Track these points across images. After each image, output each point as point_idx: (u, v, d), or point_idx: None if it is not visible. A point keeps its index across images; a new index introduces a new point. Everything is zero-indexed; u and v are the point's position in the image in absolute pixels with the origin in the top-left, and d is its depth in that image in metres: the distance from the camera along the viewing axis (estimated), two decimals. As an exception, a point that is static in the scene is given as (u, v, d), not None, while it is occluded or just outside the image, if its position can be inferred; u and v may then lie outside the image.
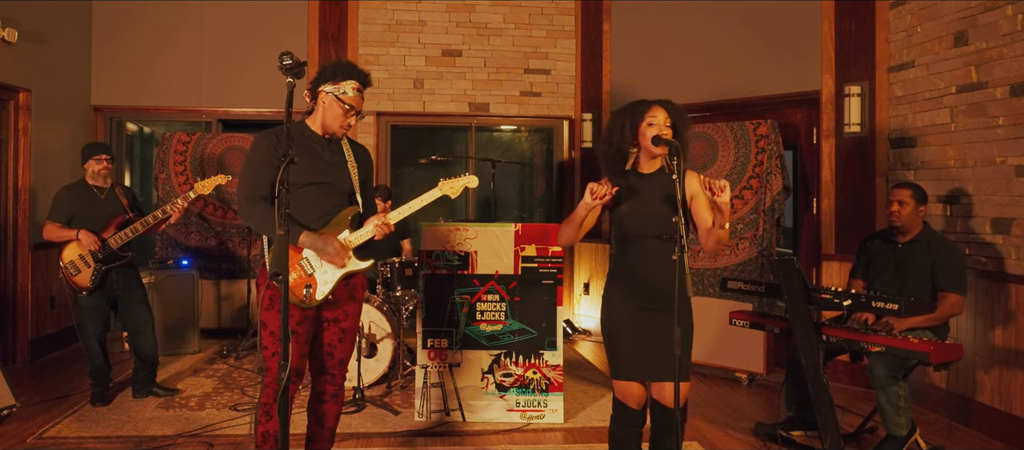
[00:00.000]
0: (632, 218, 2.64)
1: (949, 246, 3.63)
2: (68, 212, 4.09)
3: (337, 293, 2.73)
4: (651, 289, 2.61)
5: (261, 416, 2.66)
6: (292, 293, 2.62)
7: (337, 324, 2.78)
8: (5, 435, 3.68)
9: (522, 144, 7.51)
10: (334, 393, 2.85)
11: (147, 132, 7.18)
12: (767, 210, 4.91)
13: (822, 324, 3.36)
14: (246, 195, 2.66)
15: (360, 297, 2.86)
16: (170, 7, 6.20)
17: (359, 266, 2.77)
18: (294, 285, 2.65)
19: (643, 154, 2.67)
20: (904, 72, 4.51)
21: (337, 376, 2.83)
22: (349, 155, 2.83)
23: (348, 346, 2.83)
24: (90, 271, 4.04)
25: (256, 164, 2.67)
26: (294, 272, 2.66)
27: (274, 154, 2.63)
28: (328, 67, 2.74)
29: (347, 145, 2.85)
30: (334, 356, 2.80)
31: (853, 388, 4.71)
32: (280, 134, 2.60)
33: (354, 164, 2.82)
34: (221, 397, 4.34)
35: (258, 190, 2.65)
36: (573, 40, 6.65)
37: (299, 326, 2.66)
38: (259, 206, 2.64)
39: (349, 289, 2.79)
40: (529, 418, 3.95)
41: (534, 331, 3.96)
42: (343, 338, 2.80)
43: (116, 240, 4.07)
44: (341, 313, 2.78)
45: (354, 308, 2.84)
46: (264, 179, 2.62)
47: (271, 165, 2.59)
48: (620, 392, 2.67)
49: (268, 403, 2.64)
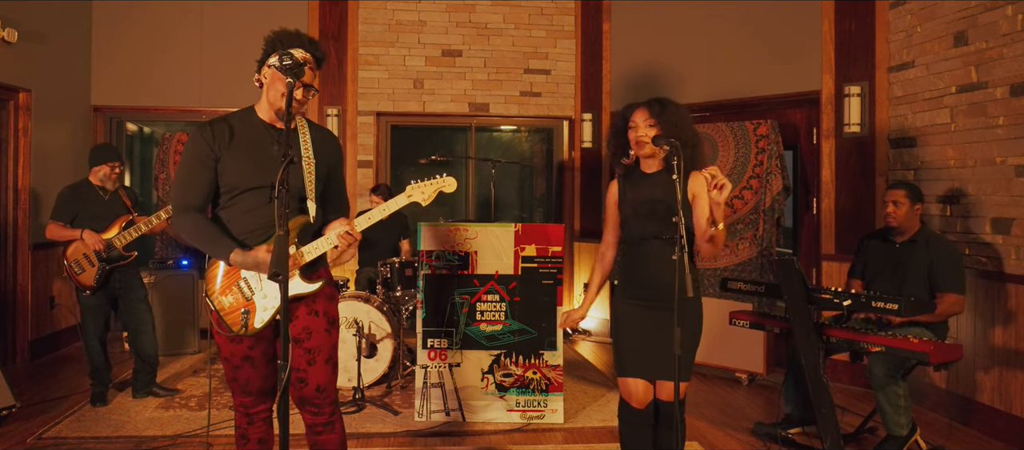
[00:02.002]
0: (634, 219, 2.69)
1: (947, 246, 3.63)
2: (71, 212, 4.10)
3: (293, 310, 2.33)
4: (654, 289, 2.63)
5: (238, 440, 2.47)
6: (229, 320, 2.30)
7: (299, 344, 2.32)
8: (5, 435, 3.68)
9: (522, 144, 7.51)
10: (326, 423, 2.40)
11: (147, 132, 7.18)
12: (767, 210, 4.91)
13: (822, 324, 3.36)
14: (174, 203, 2.32)
15: (325, 308, 2.39)
16: (170, 7, 6.20)
17: (306, 289, 2.31)
18: (230, 311, 2.30)
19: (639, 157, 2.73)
20: (904, 72, 4.51)
21: (322, 405, 2.37)
22: (305, 146, 2.34)
23: (323, 369, 2.35)
24: (94, 270, 4.04)
25: (188, 166, 2.30)
26: (230, 295, 2.31)
27: (209, 153, 2.26)
28: (272, 37, 2.32)
29: (306, 133, 2.38)
30: (308, 383, 2.33)
31: (853, 388, 4.71)
32: (218, 127, 2.29)
33: (310, 158, 2.34)
34: (221, 397, 4.34)
35: (188, 198, 2.29)
36: (573, 40, 6.65)
37: (252, 350, 2.34)
38: (188, 217, 2.29)
39: (307, 303, 2.35)
40: (529, 418, 3.95)
41: (534, 331, 3.96)
42: (313, 360, 2.33)
43: (120, 240, 4.08)
44: (301, 331, 2.33)
45: (318, 323, 2.35)
46: (196, 185, 2.28)
47: (205, 166, 2.27)
48: (625, 390, 2.70)
49: (241, 425, 2.45)
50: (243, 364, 2.36)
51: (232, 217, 2.31)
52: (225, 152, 2.28)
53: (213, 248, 2.29)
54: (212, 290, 2.35)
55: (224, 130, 2.30)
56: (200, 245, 2.30)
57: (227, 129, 2.31)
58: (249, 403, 2.43)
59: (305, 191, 2.31)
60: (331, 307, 2.42)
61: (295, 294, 2.29)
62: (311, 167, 2.33)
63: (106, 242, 4.04)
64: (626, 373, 2.68)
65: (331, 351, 2.40)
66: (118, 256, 4.10)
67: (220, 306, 2.33)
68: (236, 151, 2.28)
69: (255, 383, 2.39)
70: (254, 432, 2.46)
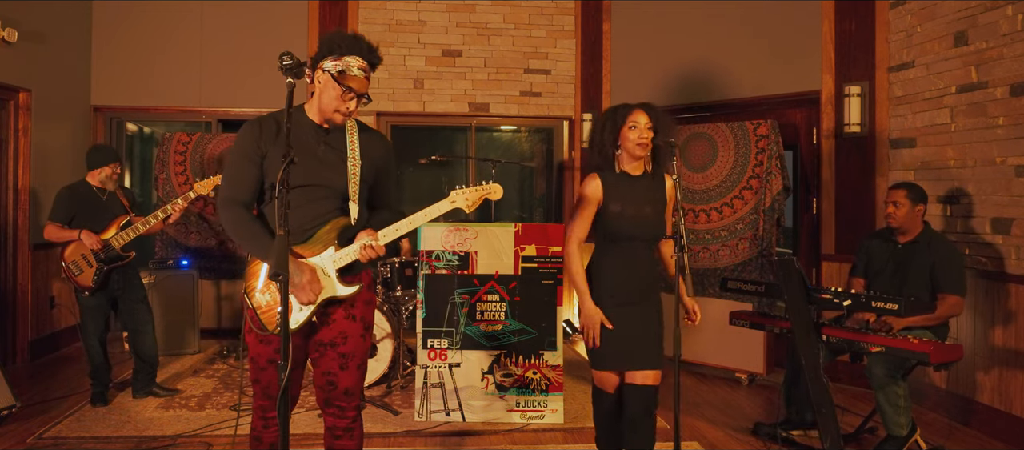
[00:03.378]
0: (621, 220, 2.72)
1: (949, 247, 3.63)
2: (69, 213, 4.09)
3: (330, 313, 2.33)
4: (631, 287, 2.73)
5: (251, 441, 2.45)
6: (265, 319, 2.29)
7: (334, 348, 2.33)
8: (5, 435, 3.68)
9: (522, 144, 7.51)
10: (347, 427, 2.40)
11: (147, 132, 7.18)
12: (767, 210, 4.91)
13: (822, 324, 3.36)
14: (221, 196, 2.32)
15: (363, 313, 2.38)
16: (170, 7, 6.20)
17: (343, 292, 2.28)
18: (267, 310, 2.29)
19: (625, 156, 2.75)
20: (904, 72, 4.51)
21: (346, 408, 2.37)
22: (352, 147, 2.33)
23: (354, 374, 2.37)
24: (92, 271, 4.04)
25: (235, 161, 2.30)
26: (268, 294, 2.29)
27: (255, 149, 2.26)
28: (329, 38, 2.29)
29: (354, 134, 2.36)
30: (337, 386, 2.35)
31: (853, 388, 4.71)
32: (266, 124, 2.29)
33: (356, 159, 2.32)
34: (221, 397, 4.34)
35: (234, 192, 2.29)
36: (573, 40, 6.65)
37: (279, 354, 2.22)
38: (232, 211, 2.28)
39: (345, 307, 2.34)
40: (529, 418, 3.95)
41: (534, 331, 3.96)
42: (345, 365, 2.34)
43: (118, 240, 4.08)
44: (338, 336, 2.33)
45: (355, 329, 2.35)
46: (242, 179, 2.28)
47: (251, 162, 2.27)
48: (599, 381, 2.85)
49: (256, 427, 2.43)
50: (268, 367, 2.35)
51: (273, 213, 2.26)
52: (271, 149, 2.26)
53: (254, 247, 2.27)
54: (252, 287, 2.32)
55: (272, 127, 2.29)
56: (239, 240, 2.28)
57: (275, 126, 2.29)
58: (268, 406, 2.41)
59: (348, 192, 2.29)
60: (368, 312, 2.41)
61: (332, 297, 2.28)
62: (356, 168, 2.30)
63: (104, 242, 4.04)
64: (605, 368, 2.80)
65: (363, 357, 2.40)
66: (116, 256, 4.10)
67: (257, 304, 2.31)
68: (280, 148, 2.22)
69: (276, 387, 2.33)
70: (268, 436, 2.44)
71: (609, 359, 2.77)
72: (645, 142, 2.66)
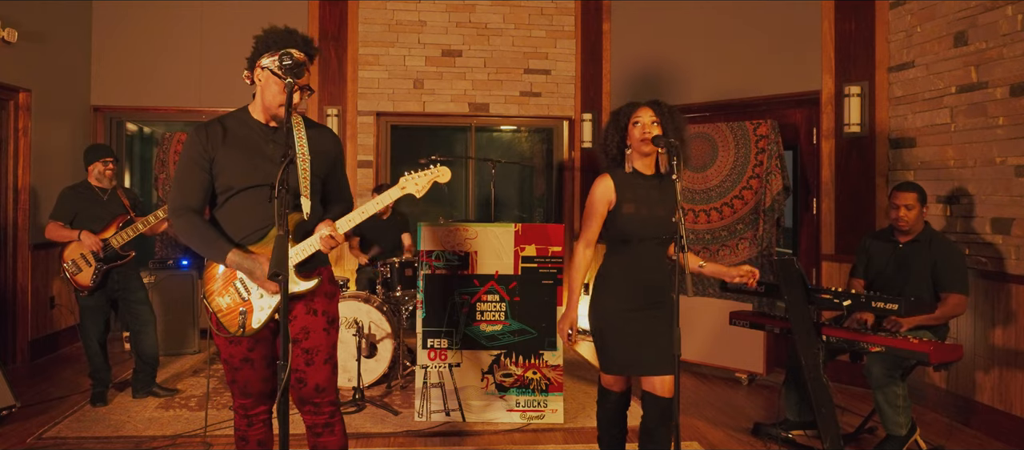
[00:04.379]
0: (635, 220, 2.65)
1: (950, 246, 3.63)
2: (70, 212, 4.11)
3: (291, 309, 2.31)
4: (645, 289, 2.67)
5: (237, 441, 2.46)
6: (226, 321, 2.31)
7: (297, 344, 2.31)
8: (5, 435, 3.68)
9: (522, 144, 7.51)
10: (326, 423, 2.38)
11: (147, 132, 7.18)
12: (767, 210, 4.91)
13: (822, 324, 3.36)
14: (172, 204, 2.31)
15: (325, 307, 2.37)
16: (170, 7, 6.20)
17: (301, 287, 2.28)
18: (227, 312, 2.30)
19: (636, 155, 2.70)
20: (904, 72, 4.51)
21: (321, 405, 2.36)
22: (301, 143, 2.32)
23: (321, 370, 2.34)
24: (91, 270, 4.06)
25: (183, 167, 2.29)
26: (226, 296, 2.31)
27: (202, 154, 2.26)
28: (263, 35, 2.30)
29: (301, 130, 2.36)
30: (306, 383, 2.32)
31: (853, 388, 4.71)
32: (212, 128, 2.29)
33: (306, 155, 2.31)
34: (221, 397, 4.34)
35: (184, 198, 2.28)
36: (573, 40, 6.65)
37: (252, 352, 2.33)
38: (183, 217, 2.27)
39: (305, 302, 2.33)
40: (529, 418, 3.95)
41: (534, 331, 3.96)
42: (311, 361, 2.32)
43: (117, 240, 4.09)
44: (300, 331, 2.32)
45: (317, 323, 2.33)
46: (191, 185, 2.27)
47: (199, 168, 2.26)
48: (607, 382, 2.83)
49: (240, 427, 2.44)
50: (243, 366, 2.36)
51: (228, 217, 2.30)
52: (219, 152, 2.28)
53: (209, 250, 2.29)
54: (210, 291, 2.35)
55: (218, 131, 2.30)
56: (196, 247, 2.30)
57: (221, 129, 2.31)
58: (248, 405, 2.42)
59: (299, 188, 2.29)
60: (331, 306, 2.40)
61: (291, 293, 2.26)
62: (306, 164, 2.31)
63: (103, 242, 4.05)
64: (614, 372, 2.76)
65: (330, 351, 2.38)
66: (115, 256, 4.11)
67: (218, 307, 2.33)
68: (230, 151, 2.28)
69: (254, 385, 2.38)
70: (253, 434, 2.45)
71: (618, 364, 2.72)
72: (648, 138, 2.60)
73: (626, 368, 2.72)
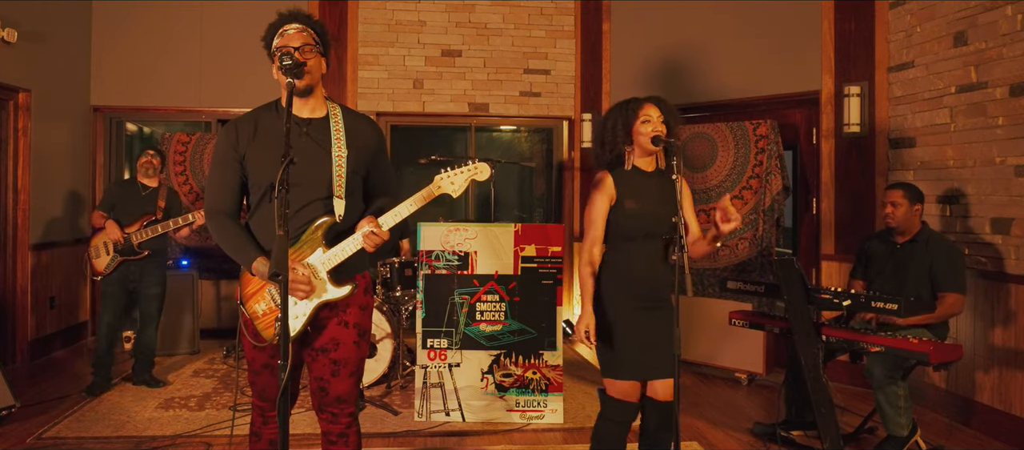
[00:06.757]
0: (637, 218, 2.62)
1: (948, 245, 3.63)
2: (110, 202, 4.48)
3: (323, 319, 2.25)
4: (649, 288, 2.62)
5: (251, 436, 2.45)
6: (260, 326, 2.24)
7: (325, 354, 2.26)
8: (5, 435, 3.68)
9: (522, 144, 7.51)
10: (341, 433, 2.34)
11: (147, 132, 7.18)
12: (767, 210, 4.91)
13: (822, 324, 3.36)
14: (205, 206, 2.26)
15: (357, 320, 2.29)
16: (170, 7, 6.20)
17: (335, 294, 2.19)
18: (263, 318, 2.23)
19: (638, 151, 2.67)
20: (904, 72, 4.51)
21: (338, 415, 2.31)
22: (338, 137, 2.19)
23: (345, 381, 2.29)
24: (108, 259, 4.37)
25: (214, 168, 2.23)
26: (262, 302, 2.22)
27: (232, 153, 2.18)
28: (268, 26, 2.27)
29: (338, 122, 2.22)
30: (328, 393, 2.29)
31: (853, 388, 4.71)
32: (242, 125, 2.21)
33: (342, 150, 2.18)
34: (221, 397, 4.34)
35: (216, 201, 2.22)
36: (573, 40, 6.65)
37: (273, 359, 2.26)
38: (215, 221, 2.22)
39: (337, 313, 2.26)
40: (529, 418, 3.95)
41: (534, 331, 3.96)
42: (337, 372, 2.27)
43: (137, 236, 4.38)
44: (329, 341, 2.25)
45: (347, 335, 2.26)
46: (223, 186, 2.21)
47: (230, 168, 2.20)
48: (617, 390, 2.65)
49: (255, 423, 2.42)
50: (262, 371, 2.33)
51: (261, 221, 2.21)
52: (249, 149, 2.19)
53: (238, 255, 2.22)
54: (247, 294, 2.28)
55: (248, 126, 2.22)
56: (228, 251, 2.22)
57: (252, 125, 2.22)
58: (266, 407, 2.41)
59: (332, 188, 2.16)
60: (363, 318, 2.31)
61: (324, 301, 2.19)
62: (343, 161, 2.17)
63: (125, 236, 4.34)
64: (621, 376, 2.62)
65: (358, 364, 2.32)
66: (130, 250, 4.37)
67: (253, 313, 2.26)
68: (260, 146, 2.18)
69: (272, 391, 2.34)
70: (267, 432, 2.43)
71: (627, 367, 2.61)
72: (660, 135, 2.57)
73: (634, 372, 2.61)
